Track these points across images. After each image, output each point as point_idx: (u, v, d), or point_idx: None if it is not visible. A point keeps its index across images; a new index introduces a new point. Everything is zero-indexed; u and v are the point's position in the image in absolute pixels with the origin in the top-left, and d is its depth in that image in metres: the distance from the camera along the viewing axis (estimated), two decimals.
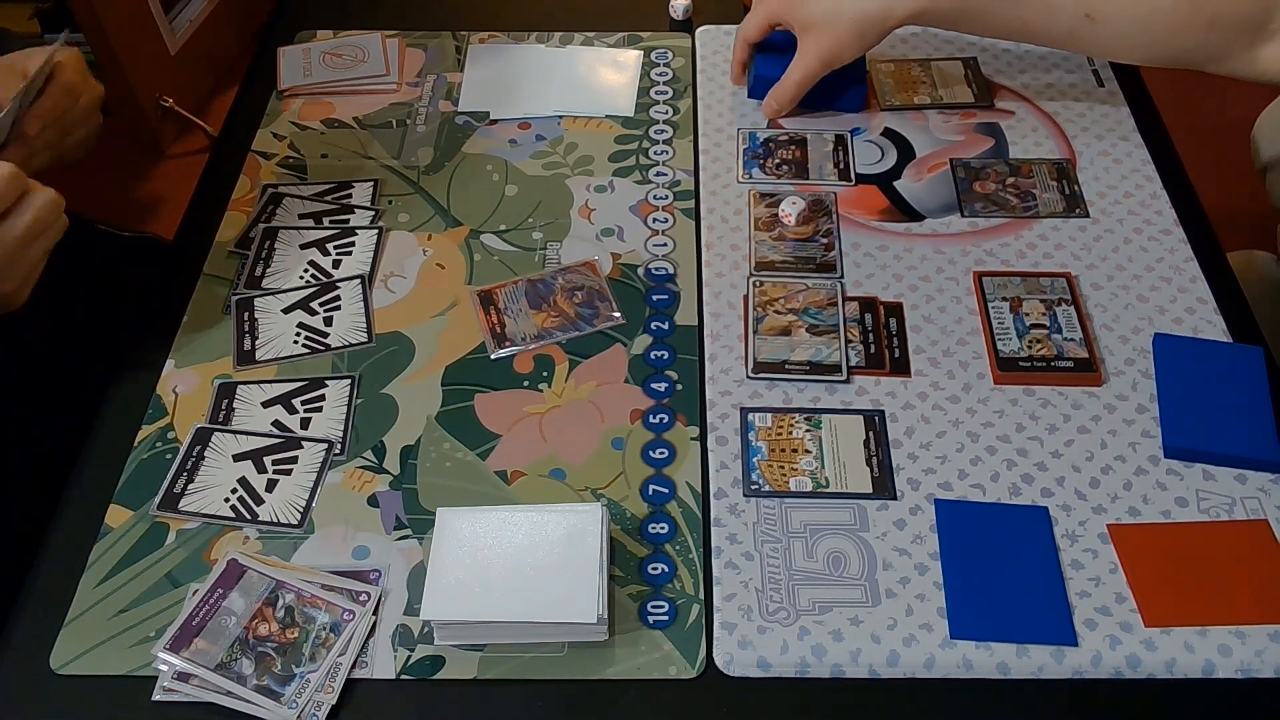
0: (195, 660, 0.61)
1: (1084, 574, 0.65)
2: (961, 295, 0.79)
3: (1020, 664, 0.62)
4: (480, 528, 0.64)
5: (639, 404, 0.74)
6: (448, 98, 0.97)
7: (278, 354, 0.77)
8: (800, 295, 0.79)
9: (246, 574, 0.65)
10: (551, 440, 0.72)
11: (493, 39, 1.02)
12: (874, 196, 0.87)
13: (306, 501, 0.69)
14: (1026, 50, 0.98)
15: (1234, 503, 0.68)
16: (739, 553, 0.66)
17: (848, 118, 0.93)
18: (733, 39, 1.00)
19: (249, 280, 0.81)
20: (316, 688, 0.61)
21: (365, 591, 0.65)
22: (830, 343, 0.76)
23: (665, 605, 0.64)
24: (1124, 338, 0.76)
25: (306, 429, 0.73)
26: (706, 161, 0.90)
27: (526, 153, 0.92)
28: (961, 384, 0.74)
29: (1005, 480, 0.69)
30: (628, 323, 0.79)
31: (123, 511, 0.69)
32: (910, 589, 0.64)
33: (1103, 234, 0.83)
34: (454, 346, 0.78)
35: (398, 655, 0.63)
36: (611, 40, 1.02)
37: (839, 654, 0.62)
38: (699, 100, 0.95)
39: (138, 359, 0.78)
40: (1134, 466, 0.70)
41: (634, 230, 0.85)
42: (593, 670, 0.62)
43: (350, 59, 1.00)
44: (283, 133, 0.94)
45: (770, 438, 0.71)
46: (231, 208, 0.88)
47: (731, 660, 0.62)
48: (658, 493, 0.69)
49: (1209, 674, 0.61)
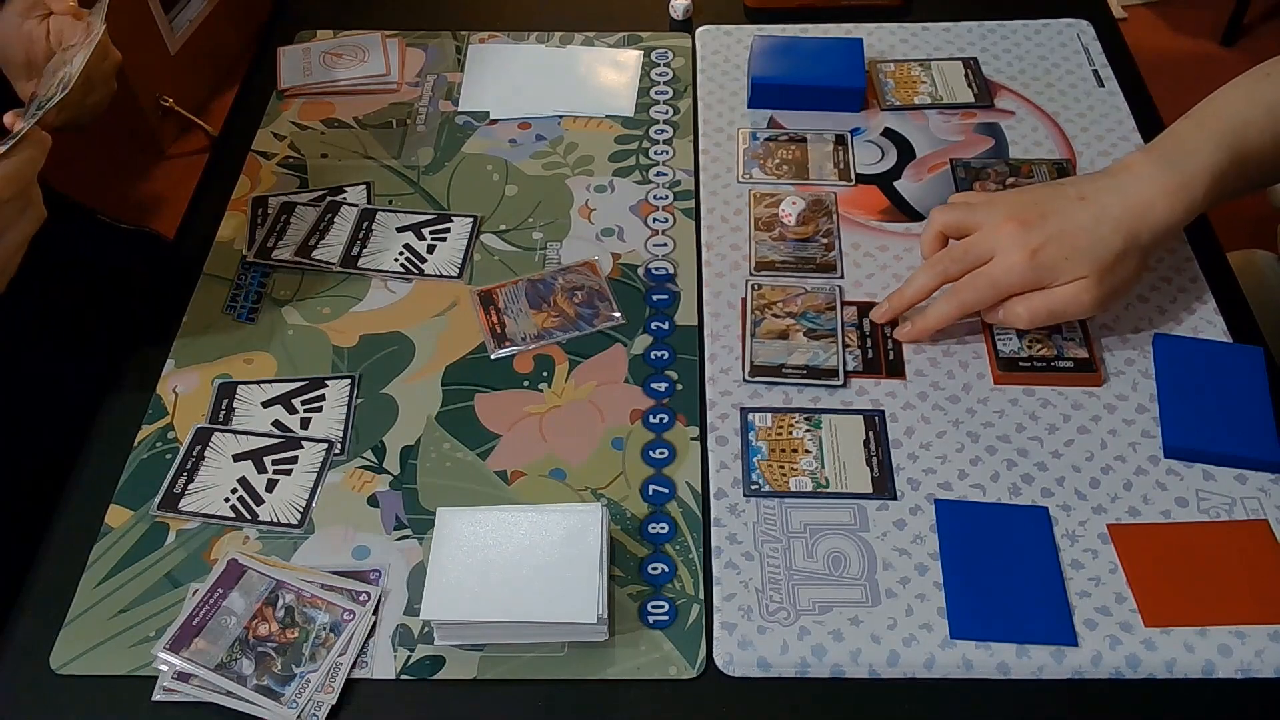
0: (195, 660, 0.62)
1: (1084, 574, 0.65)
2: None
3: (1020, 664, 0.62)
4: (480, 528, 0.64)
5: (639, 404, 0.74)
6: (448, 98, 0.97)
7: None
8: (798, 299, 0.79)
9: (246, 574, 0.65)
10: (551, 440, 0.72)
11: (493, 39, 1.02)
12: (874, 196, 0.87)
13: (306, 501, 0.69)
14: (1026, 50, 0.98)
15: (1234, 503, 0.68)
16: (739, 553, 0.66)
17: (848, 117, 0.93)
18: (732, 39, 1.00)
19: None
20: (316, 688, 0.61)
21: (365, 591, 0.65)
22: (828, 347, 0.76)
23: (665, 605, 0.64)
24: (1124, 338, 0.76)
25: (306, 429, 0.73)
26: (706, 161, 0.90)
27: (526, 153, 0.92)
28: (961, 384, 0.74)
29: (1005, 480, 0.69)
30: (628, 323, 0.79)
31: (123, 511, 0.69)
32: (910, 589, 0.64)
33: None
34: (454, 346, 0.78)
35: (398, 655, 0.63)
36: (611, 40, 1.02)
37: (839, 654, 0.62)
38: (699, 100, 0.95)
39: (138, 359, 0.78)
40: (1134, 466, 0.70)
41: (634, 230, 0.85)
42: (593, 670, 0.62)
43: (350, 59, 1.00)
44: (283, 133, 0.94)
45: (770, 438, 0.71)
46: (231, 208, 0.88)
47: (731, 660, 0.62)
48: (658, 493, 0.69)
49: (1209, 674, 0.61)
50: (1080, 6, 1.04)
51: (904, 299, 0.76)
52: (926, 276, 0.75)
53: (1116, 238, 0.70)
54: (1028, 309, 0.72)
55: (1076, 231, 0.70)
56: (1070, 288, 0.71)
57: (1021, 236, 0.71)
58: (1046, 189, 0.74)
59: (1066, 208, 0.71)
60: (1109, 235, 0.70)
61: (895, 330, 0.77)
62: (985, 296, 0.73)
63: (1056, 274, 0.71)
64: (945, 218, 0.75)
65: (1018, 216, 0.72)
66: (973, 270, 0.73)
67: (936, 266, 0.74)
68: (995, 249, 0.72)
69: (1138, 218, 0.71)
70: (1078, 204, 0.71)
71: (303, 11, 1.06)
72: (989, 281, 0.72)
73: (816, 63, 0.94)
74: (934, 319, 0.74)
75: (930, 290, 0.75)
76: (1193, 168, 0.71)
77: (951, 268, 0.74)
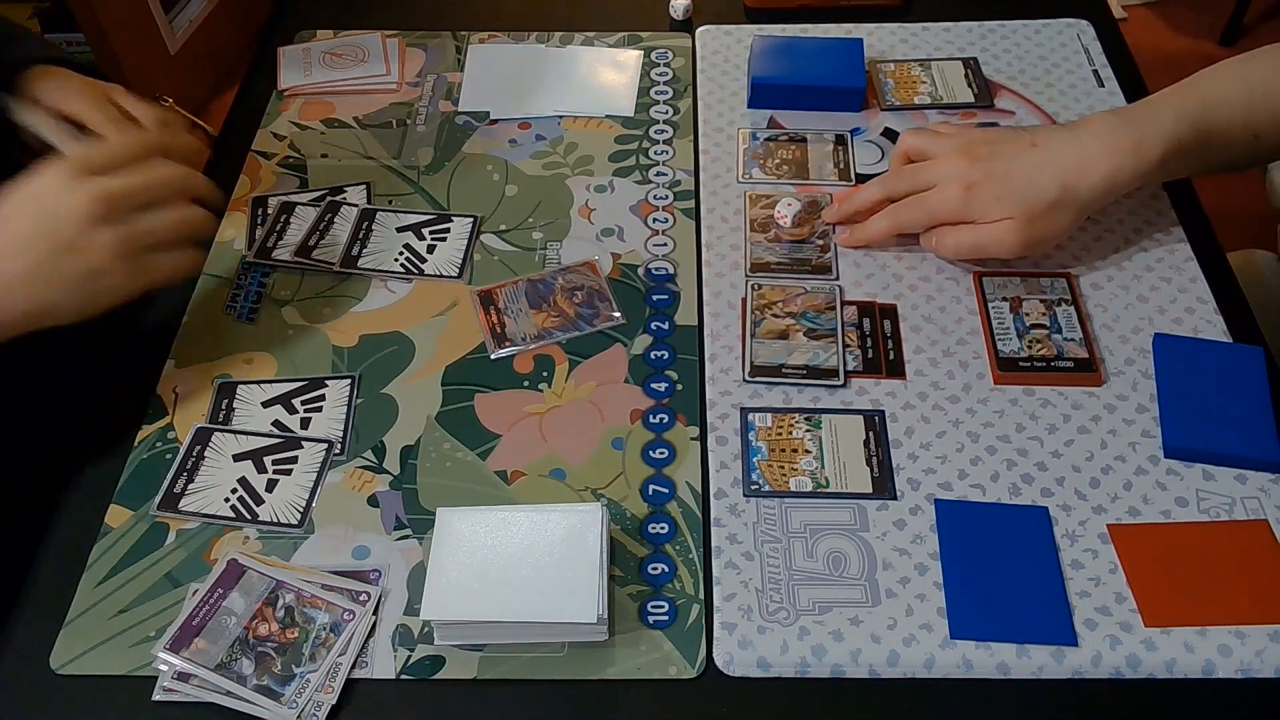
0: (195, 660, 0.62)
1: (1084, 574, 0.65)
2: (961, 295, 0.79)
3: (1020, 664, 0.62)
4: (480, 528, 0.64)
5: (639, 404, 0.74)
6: (448, 98, 0.97)
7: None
8: (798, 299, 0.79)
9: (246, 574, 0.65)
10: (551, 440, 0.72)
11: (493, 39, 1.02)
12: None
13: (306, 501, 0.69)
14: (1026, 50, 0.98)
15: (1234, 503, 0.68)
16: (739, 553, 0.66)
17: (848, 117, 0.93)
18: (732, 39, 1.00)
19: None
20: (316, 688, 0.61)
21: (365, 591, 0.65)
22: (828, 347, 0.76)
23: (665, 605, 0.64)
24: (1124, 338, 0.76)
25: (306, 429, 0.73)
26: (706, 161, 0.90)
27: (526, 153, 0.92)
28: (961, 384, 0.74)
29: (1005, 480, 0.69)
30: (628, 323, 0.79)
31: (123, 511, 0.69)
32: (910, 589, 0.64)
33: (1103, 234, 0.83)
34: (454, 346, 0.78)
35: (398, 655, 0.63)
36: (611, 40, 1.02)
37: (839, 654, 0.62)
38: (699, 100, 0.95)
39: (138, 359, 0.78)
40: (1134, 466, 0.70)
41: (634, 230, 0.85)
42: (593, 670, 0.62)
43: (350, 59, 1.00)
44: (283, 133, 0.94)
45: (770, 438, 0.71)
46: (232, 208, 0.88)
47: (731, 660, 0.62)
48: (658, 493, 0.69)
49: (1209, 674, 0.61)
50: (1080, 6, 1.04)
51: (851, 205, 0.82)
52: (874, 189, 0.80)
53: (1053, 187, 0.73)
54: (954, 240, 0.77)
55: (1015, 173, 0.74)
56: (996, 226, 0.75)
57: (963, 169, 0.75)
58: (1007, 132, 0.78)
59: (1016, 151, 0.75)
60: (1046, 183, 0.73)
61: (836, 234, 0.83)
62: (917, 218, 0.78)
63: (986, 211, 0.75)
64: (911, 141, 0.80)
65: (967, 151, 0.76)
66: (915, 194, 0.78)
67: (885, 183, 0.80)
68: (938, 177, 0.76)
69: (1079, 172, 0.73)
70: (1028, 149, 0.75)
71: (303, 11, 1.06)
72: (924, 206, 0.77)
73: (816, 63, 0.94)
74: (871, 231, 0.80)
75: (875, 203, 0.80)
76: (1150, 133, 0.73)
77: (899, 186, 0.79)
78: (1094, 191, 0.74)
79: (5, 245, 0.62)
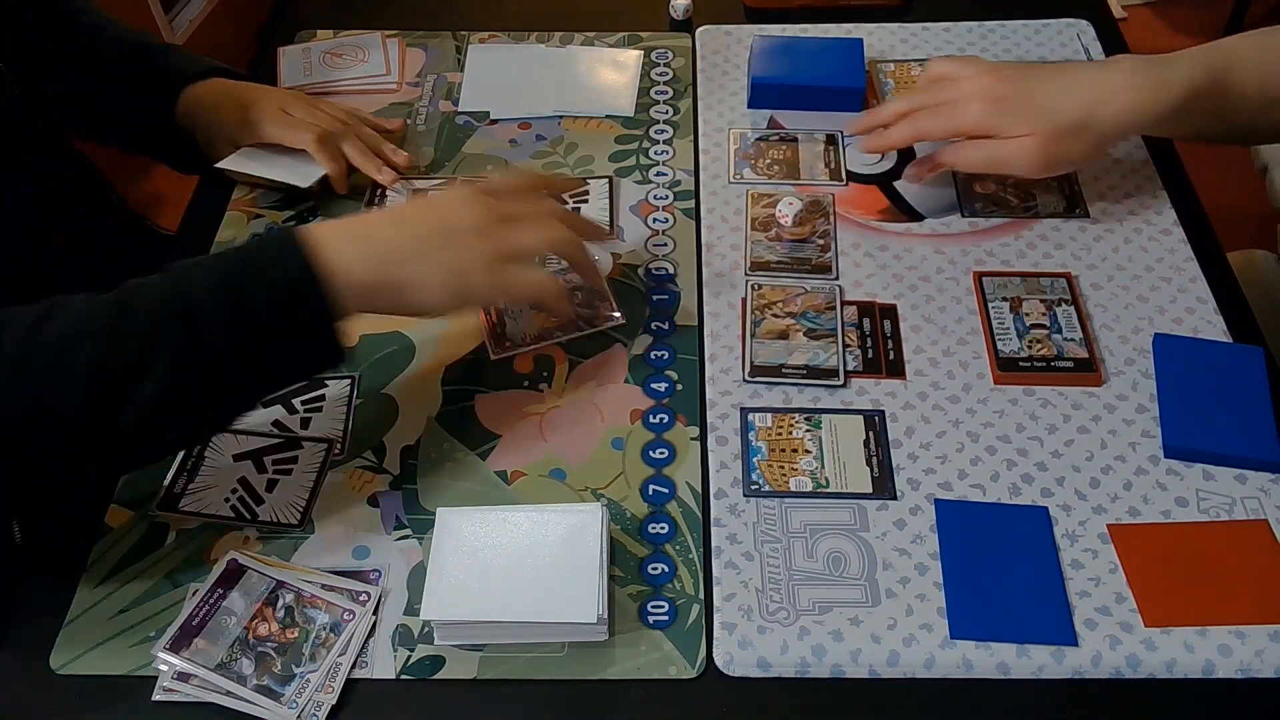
0: (195, 660, 0.62)
1: (1084, 574, 0.65)
2: (961, 295, 0.79)
3: (1020, 664, 0.62)
4: (480, 528, 0.64)
5: (639, 404, 0.74)
6: (448, 98, 0.97)
7: None
8: (798, 299, 0.79)
9: (246, 574, 0.65)
10: (551, 440, 0.72)
11: (493, 39, 1.02)
12: (874, 196, 0.87)
13: (306, 501, 0.69)
14: (1026, 50, 0.98)
15: (1234, 503, 0.68)
16: (739, 553, 0.66)
17: (848, 118, 0.93)
18: (732, 39, 1.00)
19: None
20: (316, 688, 0.61)
21: (365, 591, 0.65)
22: (828, 347, 0.76)
23: (665, 605, 0.64)
24: (1124, 338, 0.76)
25: (306, 429, 0.73)
26: (706, 161, 0.90)
27: (526, 153, 0.92)
28: (962, 384, 0.74)
29: (1005, 480, 0.69)
30: (628, 323, 0.79)
31: (123, 511, 0.69)
32: (910, 589, 0.64)
33: (1103, 234, 0.83)
34: (454, 346, 0.78)
35: (398, 655, 0.63)
36: (611, 40, 1.02)
37: (839, 654, 0.62)
38: (699, 100, 0.95)
39: None
40: (1134, 466, 0.70)
41: (634, 230, 0.85)
42: (593, 670, 0.62)
43: (350, 59, 1.00)
44: None
45: (770, 438, 0.71)
46: (231, 208, 0.88)
47: (731, 660, 0.62)
48: (658, 493, 0.69)
49: (1209, 674, 0.61)
50: (1080, 6, 1.04)
51: (877, 117, 0.84)
52: (901, 103, 0.82)
53: (1076, 109, 0.75)
54: (975, 153, 0.79)
55: (1040, 92, 0.76)
56: (1016, 142, 0.77)
57: (988, 85, 0.78)
58: (1035, 65, 0.82)
59: (1041, 74, 0.78)
60: (1069, 105, 0.76)
61: (857, 141, 0.86)
62: (939, 126, 0.80)
63: (1009, 126, 0.77)
64: (939, 66, 0.82)
65: (994, 72, 0.79)
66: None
67: (912, 98, 0.82)
68: (963, 94, 0.79)
69: (1102, 100, 0.76)
70: (1054, 74, 0.78)
71: (303, 11, 1.06)
72: (947, 115, 0.79)
73: (816, 63, 0.94)
74: (892, 138, 0.83)
75: (898, 115, 0.82)
76: (1173, 77, 0.75)
77: (925, 100, 0.81)
78: (1116, 121, 0.76)
79: (401, 219, 0.68)
